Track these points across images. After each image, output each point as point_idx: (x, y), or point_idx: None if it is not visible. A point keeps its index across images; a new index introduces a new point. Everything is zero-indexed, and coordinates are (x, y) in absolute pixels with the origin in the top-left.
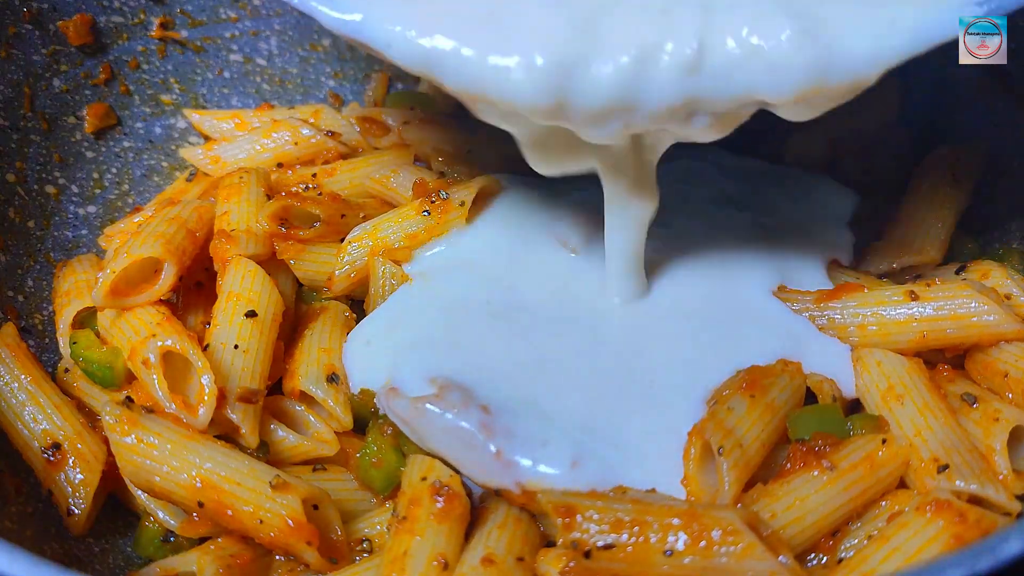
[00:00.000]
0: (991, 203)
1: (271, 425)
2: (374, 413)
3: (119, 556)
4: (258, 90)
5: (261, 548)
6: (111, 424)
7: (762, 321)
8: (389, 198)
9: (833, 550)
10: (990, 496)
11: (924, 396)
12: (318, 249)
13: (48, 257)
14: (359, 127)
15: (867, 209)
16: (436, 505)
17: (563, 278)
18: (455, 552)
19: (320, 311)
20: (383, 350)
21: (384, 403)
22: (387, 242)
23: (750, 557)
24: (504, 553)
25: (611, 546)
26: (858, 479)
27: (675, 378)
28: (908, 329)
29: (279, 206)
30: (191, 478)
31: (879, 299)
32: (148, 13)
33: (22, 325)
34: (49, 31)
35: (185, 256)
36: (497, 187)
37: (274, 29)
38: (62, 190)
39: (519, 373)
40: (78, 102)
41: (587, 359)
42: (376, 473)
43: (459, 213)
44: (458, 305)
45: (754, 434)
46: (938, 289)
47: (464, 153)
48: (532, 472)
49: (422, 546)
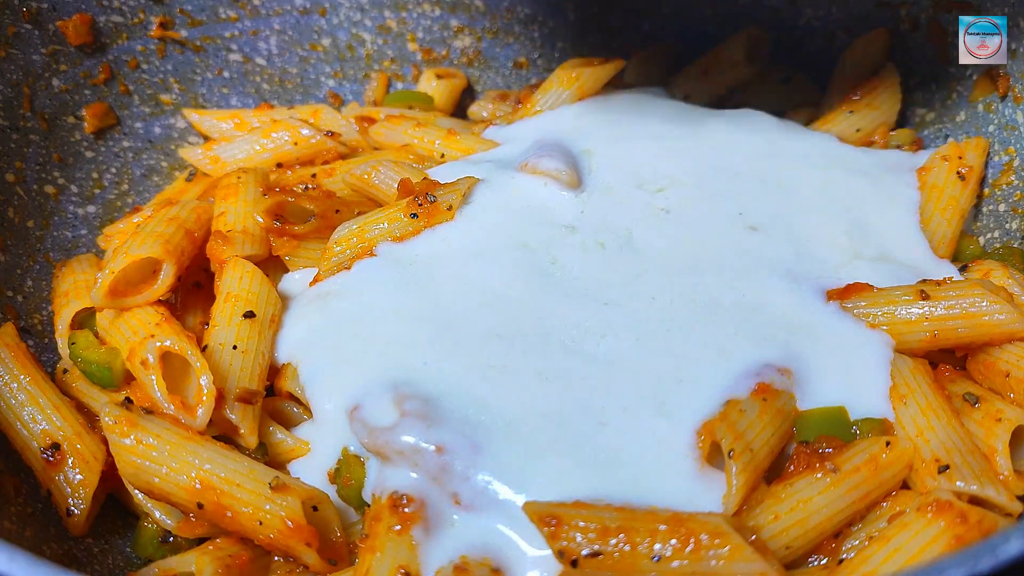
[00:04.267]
0: (992, 203)
1: (269, 426)
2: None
3: (118, 556)
4: (257, 90)
5: (260, 548)
6: (110, 425)
7: (774, 317)
8: (373, 195)
9: (835, 551)
10: (991, 497)
11: (928, 396)
12: (313, 245)
13: (47, 257)
14: (358, 127)
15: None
16: (396, 519)
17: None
18: (418, 562)
19: None
20: (351, 358)
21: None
22: (374, 242)
23: (739, 560)
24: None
25: (598, 554)
26: (861, 481)
27: (681, 375)
28: (919, 328)
29: (274, 202)
30: (190, 479)
31: (889, 298)
32: (148, 13)
33: (21, 325)
34: (48, 31)
35: (184, 256)
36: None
37: (274, 29)
38: (61, 190)
39: (499, 382)
40: (77, 102)
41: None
42: (349, 491)
43: (446, 216)
44: (434, 305)
45: (764, 438)
46: (948, 288)
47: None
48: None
49: (381, 562)
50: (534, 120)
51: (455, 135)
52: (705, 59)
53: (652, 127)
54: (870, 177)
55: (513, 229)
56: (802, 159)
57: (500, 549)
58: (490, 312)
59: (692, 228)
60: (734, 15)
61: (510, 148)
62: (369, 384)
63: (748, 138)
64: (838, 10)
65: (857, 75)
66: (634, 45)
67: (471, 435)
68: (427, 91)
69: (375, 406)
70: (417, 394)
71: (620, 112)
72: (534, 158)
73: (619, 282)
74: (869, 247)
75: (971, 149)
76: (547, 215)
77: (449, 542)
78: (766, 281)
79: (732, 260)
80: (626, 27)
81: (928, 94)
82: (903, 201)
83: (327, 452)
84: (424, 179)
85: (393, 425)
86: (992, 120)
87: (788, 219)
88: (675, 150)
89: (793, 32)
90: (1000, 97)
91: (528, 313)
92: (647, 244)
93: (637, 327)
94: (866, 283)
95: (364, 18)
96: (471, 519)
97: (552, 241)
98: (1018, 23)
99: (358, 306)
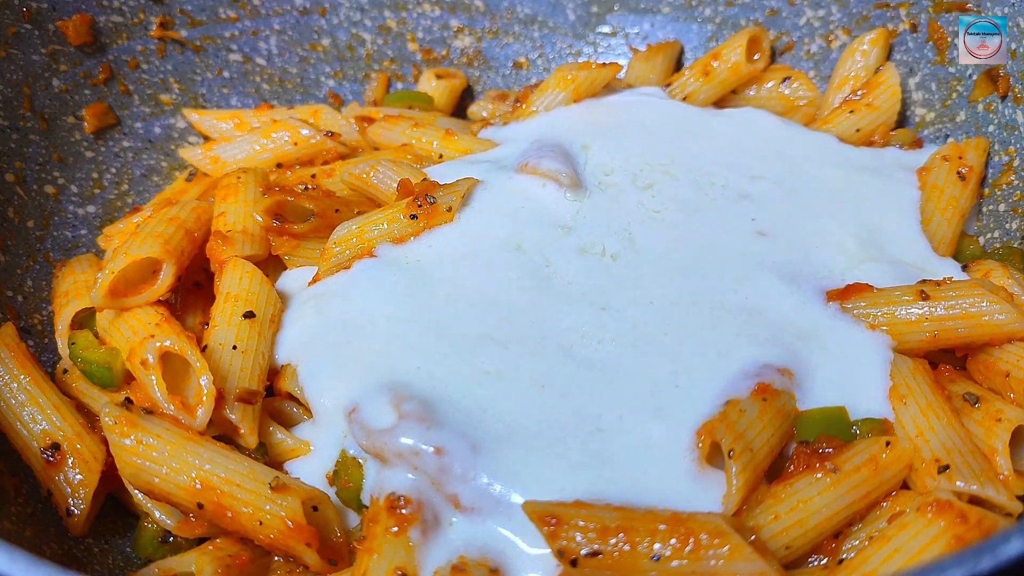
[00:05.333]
0: (992, 203)
1: (269, 427)
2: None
3: (118, 556)
4: (257, 90)
5: (259, 548)
6: (110, 425)
7: (775, 318)
8: (371, 195)
9: (835, 551)
10: (991, 497)
11: (928, 396)
12: (312, 245)
13: (47, 257)
14: (358, 127)
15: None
16: (393, 520)
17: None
18: (415, 563)
19: None
20: (349, 359)
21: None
22: (373, 243)
23: (738, 560)
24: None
25: (597, 553)
26: (861, 481)
27: (679, 380)
28: (919, 328)
29: (273, 201)
30: (190, 479)
31: (889, 298)
32: (147, 13)
33: (21, 325)
34: (48, 31)
35: (184, 257)
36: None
37: (273, 29)
38: (61, 190)
39: (496, 387)
40: (77, 102)
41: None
42: (348, 494)
43: (446, 218)
44: (432, 308)
45: (764, 438)
46: (948, 288)
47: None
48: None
49: (379, 564)
50: (531, 121)
51: (453, 135)
52: (705, 59)
53: (652, 128)
54: (872, 178)
55: (512, 232)
56: (805, 160)
57: (498, 549)
58: (488, 316)
59: (693, 230)
60: (734, 15)
61: (508, 148)
62: (367, 386)
63: (749, 139)
64: (838, 10)
65: (857, 75)
66: (634, 45)
67: (470, 437)
68: (427, 91)
69: (373, 408)
70: (415, 396)
71: (619, 112)
72: (534, 159)
73: (617, 286)
74: (877, 251)
75: (971, 149)
76: (547, 217)
77: (447, 543)
78: (767, 283)
79: (733, 262)
80: (626, 27)
81: (928, 94)
82: (905, 201)
83: (327, 453)
84: (424, 180)
85: (392, 427)
86: (992, 120)
87: (797, 223)
88: (675, 151)
89: (793, 32)
90: (1000, 97)
91: (525, 318)
92: (647, 247)
93: (635, 332)
94: (866, 283)
95: (364, 18)
96: (470, 520)
97: (550, 244)
98: (1018, 23)
99: (356, 308)
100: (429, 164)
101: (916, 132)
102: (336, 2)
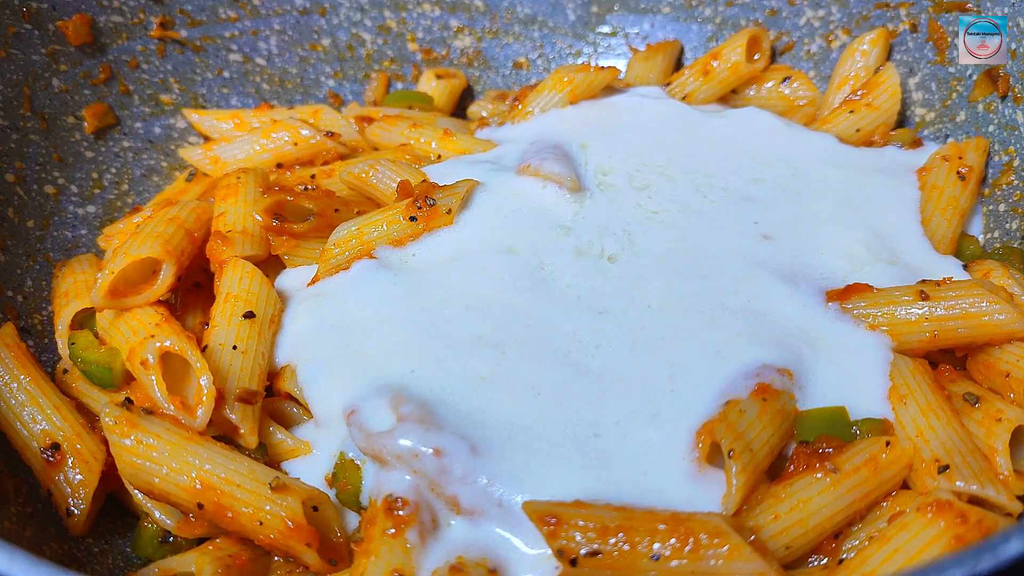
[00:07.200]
0: (992, 203)
1: (269, 427)
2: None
3: (118, 556)
4: (258, 90)
5: (259, 548)
6: (110, 425)
7: (775, 319)
8: (370, 195)
9: (835, 551)
10: (991, 497)
11: (927, 397)
12: (312, 244)
13: (47, 257)
14: (358, 127)
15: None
16: (390, 522)
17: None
18: (412, 564)
19: None
20: (348, 361)
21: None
22: (372, 245)
23: (738, 560)
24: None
25: (597, 553)
26: (861, 481)
27: (675, 384)
28: (919, 329)
29: (273, 201)
30: (190, 480)
31: (889, 299)
32: (147, 13)
33: (21, 325)
34: (48, 31)
35: (184, 257)
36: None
37: (274, 29)
38: (61, 190)
39: (493, 392)
40: (77, 102)
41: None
42: (347, 496)
43: (445, 220)
44: (430, 311)
45: (764, 439)
46: (948, 288)
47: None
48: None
49: (376, 565)
50: (530, 121)
51: (451, 135)
52: (705, 59)
53: (651, 128)
54: (873, 178)
55: (511, 235)
56: (806, 161)
57: (497, 549)
58: (484, 320)
59: (693, 231)
60: (734, 15)
61: (507, 149)
62: (365, 388)
63: (749, 139)
64: (838, 10)
65: (857, 75)
66: (634, 45)
67: (469, 438)
68: (427, 91)
69: (372, 410)
70: (414, 398)
71: (619, 113)
72: (536, 161)
73: (616, 289)
74: (882, 254)
75: (971, 149)
76: (546, 219)
77: (445, 544)
78: (767, 284)
79: (734, 264)
80: (626, 27)
81: (928, 94)
82: (905, 201)
83: (326, 453)
84: (423, 181)
85: (390, 429)
86: (992, 120)
87: (801, 227)
88: (675, 151)
89: (793, 32)
90: (1000, 97)
91: (523, 322)
92: (646, 247)
93: (633, 336)
94: (866, 284)
95: (364, 18)
96: (468, 521)
97: (549, 247)
98: (1018, 23)
99: (355, 309)
100: (428, 164)
101: (916, 132)
102: (336, 2)
